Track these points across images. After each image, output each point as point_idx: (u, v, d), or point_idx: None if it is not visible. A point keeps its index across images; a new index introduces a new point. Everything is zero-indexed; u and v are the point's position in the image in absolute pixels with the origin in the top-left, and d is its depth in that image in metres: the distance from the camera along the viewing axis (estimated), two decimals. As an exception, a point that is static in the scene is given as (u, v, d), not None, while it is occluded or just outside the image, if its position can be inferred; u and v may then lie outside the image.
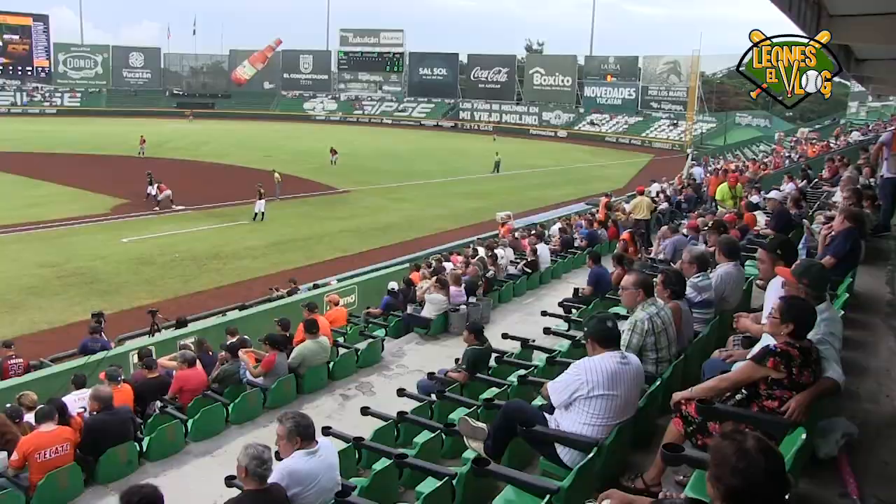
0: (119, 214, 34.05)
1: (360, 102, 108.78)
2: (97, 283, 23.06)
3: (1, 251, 26.54)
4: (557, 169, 57.08)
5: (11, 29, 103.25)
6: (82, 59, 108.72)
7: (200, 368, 10.18)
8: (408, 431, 7.58)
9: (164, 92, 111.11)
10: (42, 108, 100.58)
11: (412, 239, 29.61)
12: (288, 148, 63.54)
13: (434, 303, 12.85)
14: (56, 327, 19.12)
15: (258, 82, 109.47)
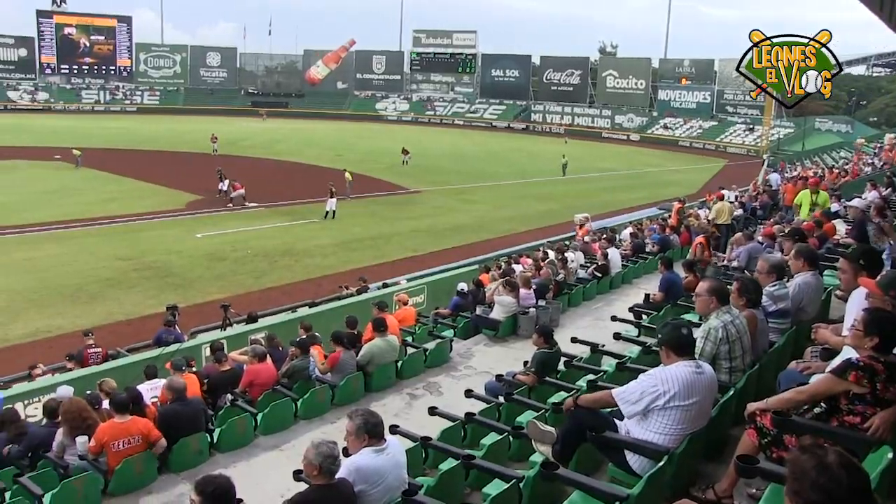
0: (193, 210, 34.90)
1: (432, 103, 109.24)
2: (171, 276, 23.66)
3: (81, 244, 27.46)
4: (629, 173, 56.42)
5: (98, 30, 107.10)
6: (162, 58, 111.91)
7: (271, 363, 10.31)
8: (475, 433, 7.55)
9: (240, 91, 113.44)
10: (123, 106, 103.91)
11: (482, 240, 29.60)
12: (359, 147, 64.17)
13: (503, 305, 12.80)
14: (132, 319, 19.70)
15: (331, 82, 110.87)
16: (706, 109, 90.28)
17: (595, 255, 17.85)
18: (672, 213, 21.60)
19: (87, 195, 37.52)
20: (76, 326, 18.30)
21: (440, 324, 14.07)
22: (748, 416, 4.80)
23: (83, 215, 32.27)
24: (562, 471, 4.90)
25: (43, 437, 8.54)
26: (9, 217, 31.23)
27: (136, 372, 11.13)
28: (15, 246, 26.88)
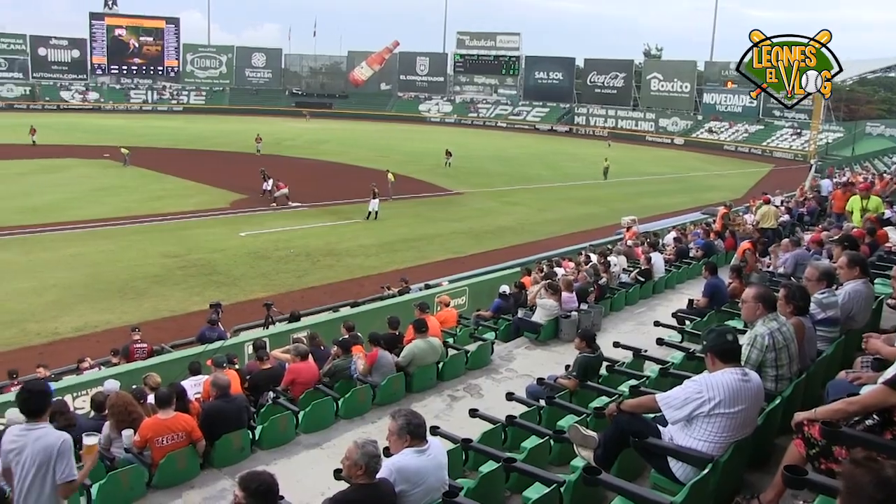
0: (238, 209, 35.30)
1: (475, 105, 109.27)
2: (216, 274, 23.95)
3: (130, 241, 27.94)
4: (672, 177, 55.90)
5: (147, 31, 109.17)
6: (208, 59, 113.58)
7: (312, 362, 10.38)
8: (515, 436, 7.53)
9: (284, 91, 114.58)
10: (170, 106, 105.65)
11: (523, 243, 29.53)
12: (402, 149, 64.42)
13: (545, 308, 12.75)
14: (177, 315, 19.98)
15: (375, 83, 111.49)
16: (752, 113, 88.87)
17: (638, 259, 17.70)
18: (717, 218, 21.32)
19: (135, 193, 38.21)
20: (123, 322, 18.65)
21: (482, 326, 14.06)
22: (795, 426, 4.72)
23: (131, 213, 32.88)
24: (604, 476, 4.88)
25: (90, 429, 8.70)
26: (60, 214, 31.95)
27: (180, 368, 11.28)
28: (66, 242, 27.45)
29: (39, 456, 5.23)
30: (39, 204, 34.18)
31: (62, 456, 5.27)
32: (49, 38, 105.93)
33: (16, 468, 5.31)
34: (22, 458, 5.27)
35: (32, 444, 5.26)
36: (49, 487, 5.29)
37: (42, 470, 5.24)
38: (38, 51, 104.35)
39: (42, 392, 5.63)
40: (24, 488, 5.27)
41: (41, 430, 5.34)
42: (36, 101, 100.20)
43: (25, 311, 19.90)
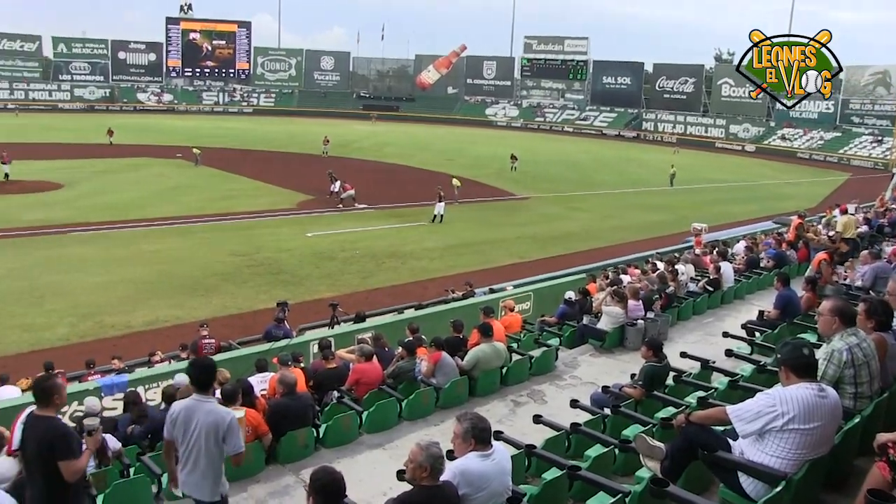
0: (305, 210, 35.80)
1: (542, 109, 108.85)
2: (282, 273, 24.30)
3: (200, 239, 28.59)
4: (742, 185, 54.73)
5: (219, 35, 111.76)
6: (278, 62, 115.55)
7: (377, 363, 10.44)
8: (579, 443, 7.47)
9: (352, 94, 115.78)
10: (240, 108, 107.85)
11: (588, 249, 29.26)
12: (468, 152, 64.51)
13: (611, 315, 12.62)
14: (244, 312, 20.34)
15: (442, 87, 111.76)
16: (829, 120, 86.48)
17: (706, 268, 17.39)
18: (790, 228, 20.78)
19: (206, 192, 39.07)
20: (192, 317, 19.09)
21: (546, 331, 13.98)
22: (879, 448, 4.54)
23: (202, 211, 33.65)
24: (672, 488, 4.80)
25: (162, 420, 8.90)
26: (135, 211, 32.90)
27: (247, 364, 11.44)
28: (140, 239, 28.24)
29: (208, 427, 5.72)
30: (116, 201, 35.24)
31: (231, 430, 5.79)
32: (128, 43, 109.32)
33: (183, 437, 5.81)
34: (191, 427, 5.76)
35: (204, 416, 5.76)
36: (215, 456, 5.80)
37: (210, 440, 5.73)
38: (117, 55, 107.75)
39: (210, 367, 6.20)
40: (191, 456, 5.80)
41: (210, 405, 5.87)
42: (115, 102, 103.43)
43: (101, 305, 20.52)
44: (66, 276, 22.94)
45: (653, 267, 17.87)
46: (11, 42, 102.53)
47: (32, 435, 5.54)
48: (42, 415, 5.56)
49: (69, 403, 10.66)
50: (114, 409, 10.81)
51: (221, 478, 5.99)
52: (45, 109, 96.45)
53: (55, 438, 5.41)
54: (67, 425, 5.94)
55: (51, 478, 5.44)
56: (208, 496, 5.90)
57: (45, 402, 5.58)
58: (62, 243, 27.18)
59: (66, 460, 5.38)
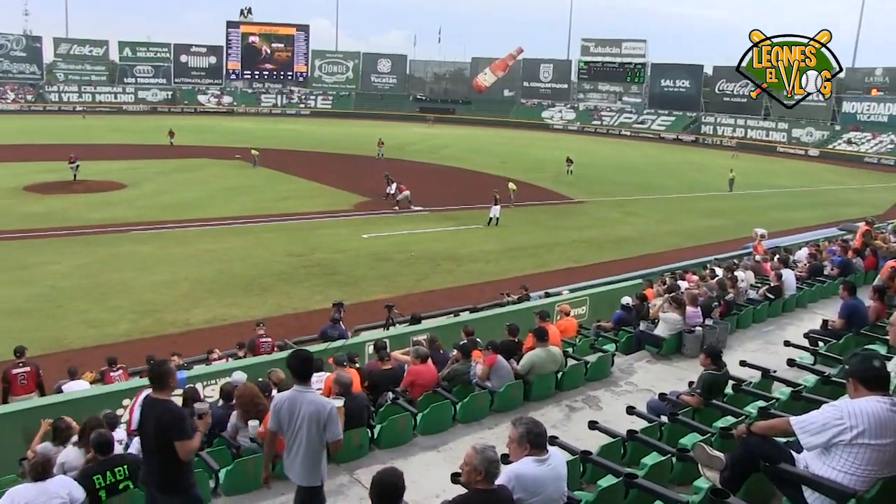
0: (361, 211, 36.09)
1: (599, 113, 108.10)
2: (338, 274, 24.51)
3: (257, 238, 29.02)
4: (805, 190, 53.57)
5: (278, 38, 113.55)
6: (335, 64, 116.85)
7: (432, 365, 10.44)
8: (635, 451, 7.37)
9: (408, 97, 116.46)
10: (298, 110, 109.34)
11: (645, 254, 28.97)
12: (524, 156, 64.34)
13: (668, 322, 12.44)
14: (299, 312, 20.58)
15: (498, 90, 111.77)
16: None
17: (766, 275, 17.02)
18: (857, 235, 20.22)
19: (264, 193, 39.63)
20: (248, 316, 19.37)
21: (602, 337, 13.83)
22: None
23: (259, 212, 34.15)
24: (732, 500, 4.71)
25: (219, 417, 9.06)
26: (194, 211, 33.55)
27: (303, 364, 11.53)
28: (199, 238, 28.78)
29: (310, 416, 6.07)
30: (176, 201, 35.98)
31: (331, 419, 6.14)
32: (190, 46, 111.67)
33: (288, 426, 6.17)
34: (294, 417, 6.11)
35: (306, 406, 6.11)
36: (316, 443, 6.15)
37: (312, 428, 6.08)
38: (179, 58, 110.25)
39: (309, 359, 6.48)
40: (294, 443, 6.17)
41: (312, 395, 6.24)
42: (176, 104, 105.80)
43: (161, 302, 20.96)
44: (128, 274, 23.50)
45: (711, 273, 17.56)
46: (81, 47, 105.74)
47: (150, 416, 6.00)
48: (158, 398, 6.06)
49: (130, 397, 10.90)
50: (173, 405, 10.99)
51: (322, 464, 6.30)
52: (111, 111, 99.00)
53: (171, 420, 5.91)
54: (182, 408, 6.59)
55: (166, 456, 5.93)
56: (308, 481, 6.25)
57: (161, 385, 6.11)
58: (124, 241, 27.87)
59: (181, 440, 5.89)
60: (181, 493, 6.22)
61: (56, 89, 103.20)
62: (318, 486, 6.34)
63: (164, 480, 6.13)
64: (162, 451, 5.95)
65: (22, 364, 13.03)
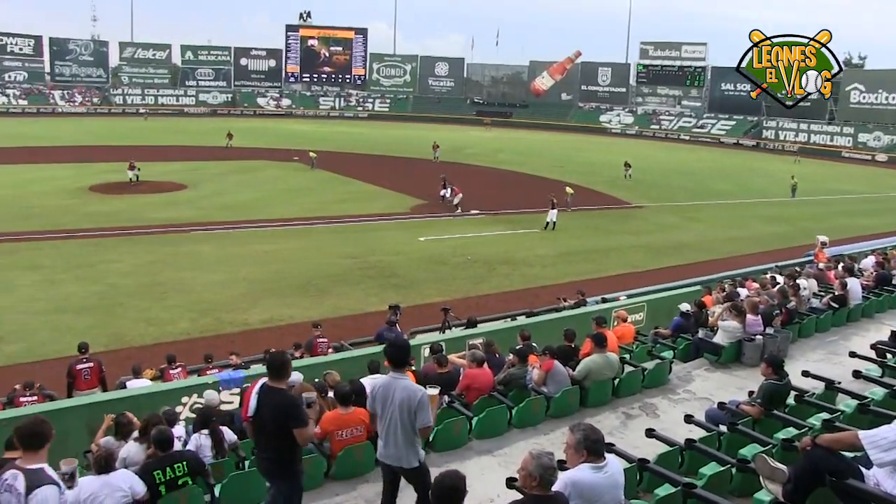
0: (418, 214, 36.26)
1: (657, 117, 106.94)
2: (394, 277, 24.61)
3: (315, 240, 29.38)
4: (871, 196, 52.18)
5: (337, 42, 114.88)
6: (393, 67, 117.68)
7: (488, 369, 10.42)
8: (693, 460, 7.26)
9: (465, 100, 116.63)
10: (356, 113, 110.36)
11: (704, 260, 28.50)
12: (582, 159, 63.98)
13: (728, 330, 12.23)
14: (356, 314, 20.66)
15: (556, 93, 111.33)
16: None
17: (830, 283, 16.63)
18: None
19: (321, 195, 40.06)
20: (305, 317, 19.55)
21: (660, 343, 13.66)
22: None
23: (317, 214, 34.52)
24: (796, 513, 4.59)
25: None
26: (253, 212, 34.05)
27: (359, 366, 11.59)
28: (257, 239, 29.21)
29: (401, 402, 6.33)
30: (235, 202, 36.59)
31: (422, 406, 6.34)
32: (250, 50, 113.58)
33: (382, 411, 6.49)
34: (388, 402, 6.41)
35: (399, 391, 6.38)
36: (409, 427, 6.37)
37: (404, 413, 6.32)
38: (239, 61, 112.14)
39: (406, 347, 6.87)
40: (389, 428, 6.44)
41: (405, 381, 6.48)
42: (236, 107, 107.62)
43: (219, 302, 21.30)
44: (188, 273, 23.96)
45: (772, 280, 17.21)
46: (145, 51, 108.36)
47: (268, 404, 6.25)
48: (275, 386, 6.35)
49: (189, 395, 11.11)
50: (230, 403, 11.15)
51: (418, 447, 6.55)
52: (172, 114, 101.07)
53: (289, 408, 6.27)
54: (297, 397, 6.84)
55: (283, 442, 6.27)
56: (406, 463, 6.49)
57: (279, 375, 6.41)
58: (184, 241, 28.44)
59: (299, 427, 6.24)
60: (290, 479, 6.53)
61: (120, 92, 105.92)
62: (418, 466, 6.55)
63: (277, 466, 6.45)
64: (278, 438, 6.25)
65: (85, 360, 13.39)
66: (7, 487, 4.82)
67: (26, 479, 4.80)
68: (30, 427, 5.07)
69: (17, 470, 4.87)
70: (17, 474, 4.84)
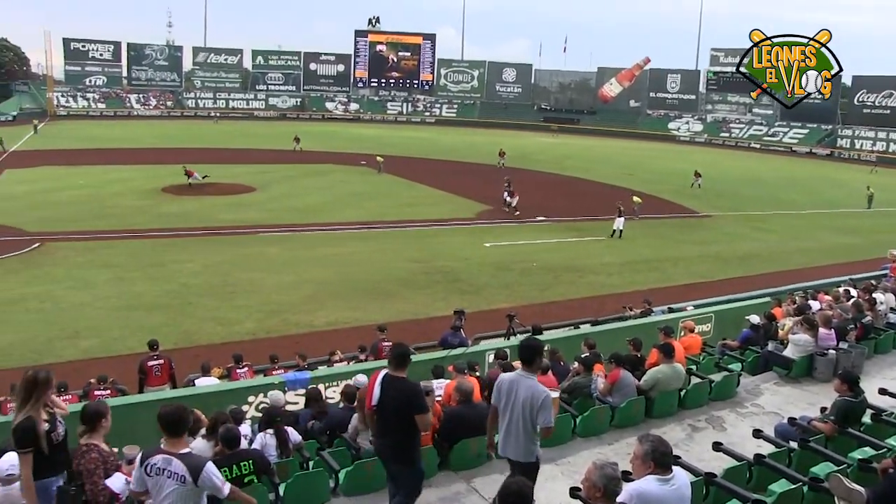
0: (483, 220, 36.23)
1: (728, 125, 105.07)
2: (459, 282, 24.61)
3: (380, 244, 29.60)
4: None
5: (405, 47, 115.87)
6: (461, 73, 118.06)
7: (552, 377, 10.37)
8: (762, 476, 7.13)
9: (533, 106, 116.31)
10: (423, 118, 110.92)
11: (774, 272, 27.81)
12: (650, 167, 63.23)
13: (799, 343, 11.96)
14: (420, 319, 20.70)
15: (624, 100, 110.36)
16: None
17: (910, 298, 16.11)
18: None
19: (387, 199, 40.36)
20: (370, 320, 19.62)
21: (727, 355, 13.42)
22: None
23: (383, 217, 34.82)
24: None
25: (340, 418, 9.29)
26: (320, 215, 34.50)
27: (423, 370, 11.64)
28: (324, 241, 29.57)
29: (524, 399, 6.62)
30: (302, 205, 37.10)
31: (544, 406, 6.58)
32: (319, 55, 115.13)
33: (505, 405, 6.78)
34: (511, 398, 6.72)
35: (524, 388, 6.68)
36: (529, 424, 6.66)
37: (526, 410, 6.61)
38: (309, 66, 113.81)
39: (535, 347, 7.08)
40: (511, 422, 6.75)
41: (531, 381, 6.74)
42: (304, 111, 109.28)
43: (286, 303, 21.60)
44: (255, 274, 24.35)
45: (846, 294, 16.75)
46: (217, 56, 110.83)
47: (391, 393, 6.72)
48: (397, 376, 6.81)
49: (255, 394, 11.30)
50: (296, 404, 11.31)
51: (536, 444, 6.81)
52: (242, 117, 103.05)
53: (413, 396, 6.74)
54: (417, 385, 7.17)
55: (404, 428, 6.75)
56: (523, 457, 6.77)
57: (402, 365, 6.87)
58: (253, 243, 28.93)
59: (420, 414, 6.70)
60: (410, 465, 7.00)
61: (193, 95, 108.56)
62: (533, 462, 6.83)
63: (399, 452, 6.90)
64: (400, 424, 6.73)
65: (156, 356, 13.74)
66: (157, 471, 5.31)
67: (184, 462, 5.28)
68: (173, 414, 5.51)
69: (168, 455, 5.33)
70: (171, 459, 5.30)
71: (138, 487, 5.50)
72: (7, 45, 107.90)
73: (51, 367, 15.74)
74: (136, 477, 5.52)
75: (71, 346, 17.70)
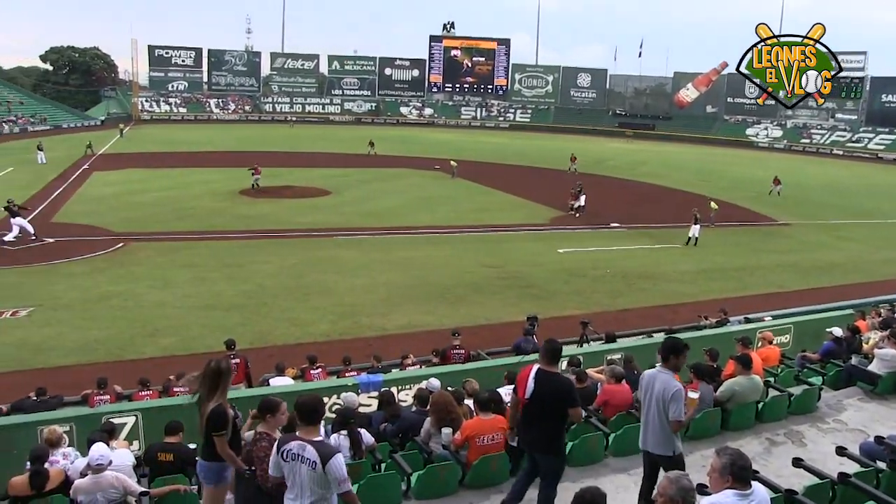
0: (556, 226, 36.06)
1: (808, 131, 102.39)
2: (532, 287, 24.50)
3: (453, 248, 29.70)
4: None
5: (479, 52, 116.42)
6: (535, 78, 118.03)
7: (626, 385, 10.28)
8: (846, 496, 6.91)
9: (607, 111, 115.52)
10: (497, 123, 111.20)
11: (856, 283, 26.95)
12: (727, 174, 62.06)
13: (885, 359, 11.56)
14: (492, 324, 20.64)
15: (700, 105, 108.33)
16: None
17: None
18: None
19: (461, 204, 40.48)
20: (442, 324, 19.75)
21: (808, 368, 13.05)
22: None
23: (456, 222, 34.93)
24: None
25: (413, 421, 9.35)
26: (394, 219, 34.84)
27: (496, 375, 11.66)
28: (398, 245, 29.84)
29: (658, 393, 7.05)
30: (376, 209, 37.48)
31: (675, 399, 6.94)
32: (394, 60, 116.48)
33: (644, 399, 7.29)
34: (649, 392, 7.18)
35: (658, 383, 7.10)
36: (663, 417, 7.04)
37: (659, 404, 7.03)
38: (384, 71, 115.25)
39: (676, 346, 7.27)
40: (648, 414, 7.22)
41: (666, 375, 7.11)
42: (379, 115, 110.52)
43: (359, 305, 21.83)
44: (330, 276, 24.66)
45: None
46: (294, 61, 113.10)
47: (546, 387, 7.09)
48: (550, 370, 7.18)
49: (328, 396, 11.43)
50: (368, 406, 11.42)
51: (675, 437, 7.14)
52: (318, 121, 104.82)
53: (567, 390, 7.17)
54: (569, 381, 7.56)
55: (557, 420, 7.25)
56: (663, 450, 7.15)
57: (554, 360, 7.29)
58: (328, 246, 29.32)
59: (573, 407, 7.19)
60: (557, 455, 7.43)
61: (270, 100, 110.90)
62: (672, 455, 7.11)
63: (548, 443, 7.29)
64: (552, 417, 7.19)
65: (232, 355, 14.02)
66: (293, 457, 5.75)
67: (316, 449, 5.68)
68: (310, 404, 5.95)
69: (304, 442, 5.75)
70: (305, 446, 5.72)
71: (276, 472, 5.92)
72: (98, 53, 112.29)
73: (133, 363, 16.42)
74: (273, 462, 5.93)
75: (151, 344, 18.19)
